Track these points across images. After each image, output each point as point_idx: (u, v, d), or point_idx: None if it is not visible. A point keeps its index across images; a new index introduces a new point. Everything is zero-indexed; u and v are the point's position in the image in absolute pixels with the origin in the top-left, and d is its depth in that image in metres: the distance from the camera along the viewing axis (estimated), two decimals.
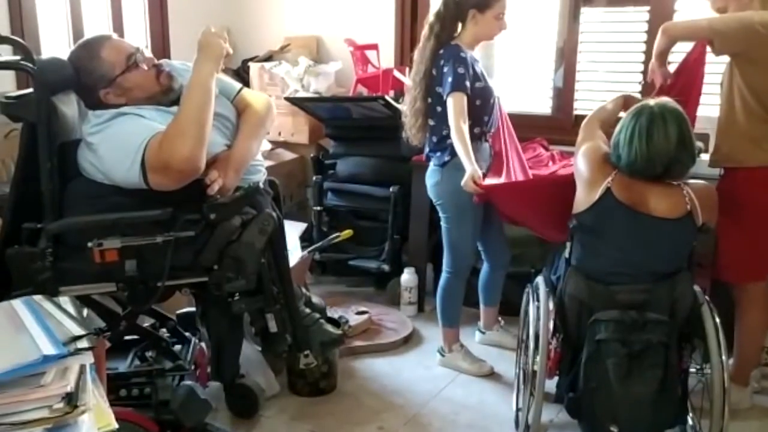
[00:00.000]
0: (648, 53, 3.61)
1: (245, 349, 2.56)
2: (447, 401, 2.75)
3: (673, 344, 2.12)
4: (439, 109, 2.73)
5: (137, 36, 4.13)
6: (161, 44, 4.20)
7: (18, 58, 2.00)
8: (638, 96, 2.65)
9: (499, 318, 3.21)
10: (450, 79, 2.64)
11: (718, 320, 2.16)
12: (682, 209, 2.12)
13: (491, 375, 2.93)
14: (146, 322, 2.45)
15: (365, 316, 3.27)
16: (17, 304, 1.33)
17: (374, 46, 3.82)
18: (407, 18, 4.10)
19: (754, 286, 2.55)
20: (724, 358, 2.11)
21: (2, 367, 1.19)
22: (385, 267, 3.57)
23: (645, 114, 2.10)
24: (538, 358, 2.22)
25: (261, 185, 2.22)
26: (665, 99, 2.19)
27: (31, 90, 2.00)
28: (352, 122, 3.66)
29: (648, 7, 3.59)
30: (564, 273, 2.26)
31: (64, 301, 1.36)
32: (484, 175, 2.67)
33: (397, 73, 3.74)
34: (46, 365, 1.21)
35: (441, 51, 2.71)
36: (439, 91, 2.70)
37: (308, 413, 2.64)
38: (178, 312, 2.55)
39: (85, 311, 1.44)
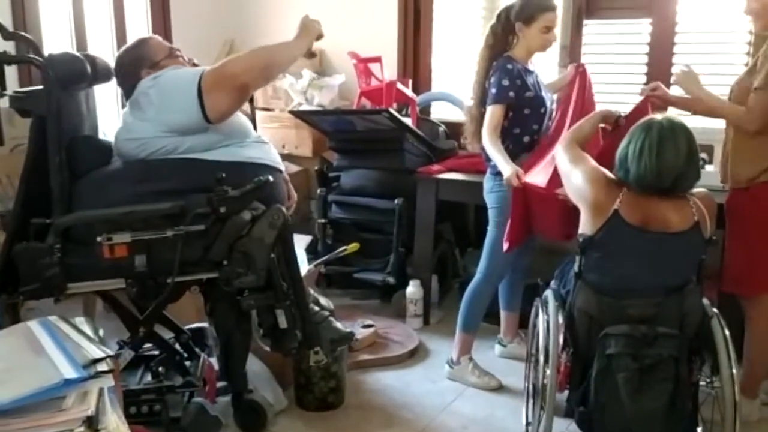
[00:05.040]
0: (650, 65, 3.65)
1: (252, 364, 2.56)
2: (456, 415, 2.74)
3: (683, 358, 2.11)
4: None
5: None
6: None
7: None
8: (615, 110, 2.65)
9: (519, 331, 3.21)
10: (493, 91, 2.74)
11: (727, 333, 2.16)
12: (690, 221, 2.12)
13: (500, 388, 2.93)
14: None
15: (371, 330, 3.27)
16: (34, 325, 1.32)
17: (377, 59, 3.83)
18: (410, 31, 4.13)
19: (764, 297, 2.56)
20: (734, 371, 2.11)
21: (24, 390, 1.19)
22: (391, 279, 3.56)
23: (655, 128, 2.10)
24: (548, 372, 2.22)
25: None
26: (672, 114, 2.20)
27: (40, 86, 2.03)
28: (356, 135, 3.66)
29: (650, 20, 3.62)
30: (573, 287, 2.25)
31: (80, 321, 1.36)
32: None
33: (400, 86, 3.75)
34: (68, 389, 1.20)
35: (494, 63, 2.79)
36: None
37: (316, 428, 2.63)
38: (187, 327, 2.55)
39: (101, 331, 1.44)
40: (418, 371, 3.10)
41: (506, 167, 2.62)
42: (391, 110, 3.44)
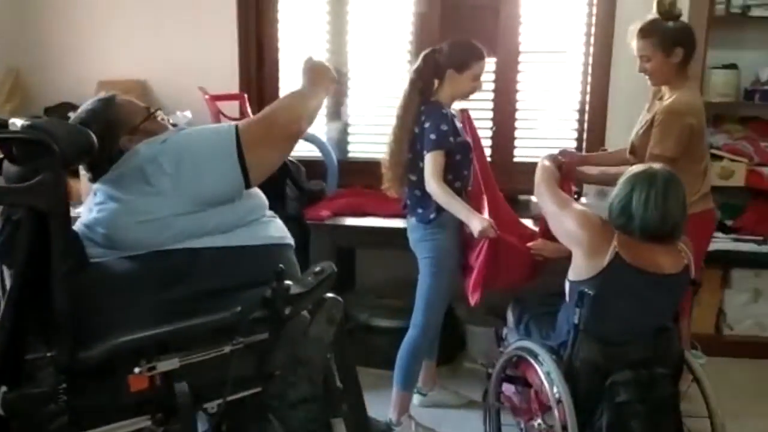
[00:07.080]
0: (496, 100, 3.82)
1: None
2: None
3: (678, 394, 2.25)
4: (420, 164, 2.70)
5: None
6: None
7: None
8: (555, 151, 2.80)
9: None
10: (432, 137, 2.63)
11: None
12: (681, 264, 2.23)
13: None
14: None
15: None
16: None
17: (238, 96, 3.47)
18: (253, 63, 3.81)
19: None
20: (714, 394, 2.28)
21: None
22: None
23: (659, 178, 2.17)
24: (568, 420, 2.17)
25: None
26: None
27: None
28: None
29: (495, 59, 3.80)
30: (574, 339, 2.25)
31: None
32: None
33: None
34: None
35: (423, 107, 2.69)
36: (419, 147, 2.68)
37: None
38: None
39: None
40: None
41: (474, 218, 2.56)
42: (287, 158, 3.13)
